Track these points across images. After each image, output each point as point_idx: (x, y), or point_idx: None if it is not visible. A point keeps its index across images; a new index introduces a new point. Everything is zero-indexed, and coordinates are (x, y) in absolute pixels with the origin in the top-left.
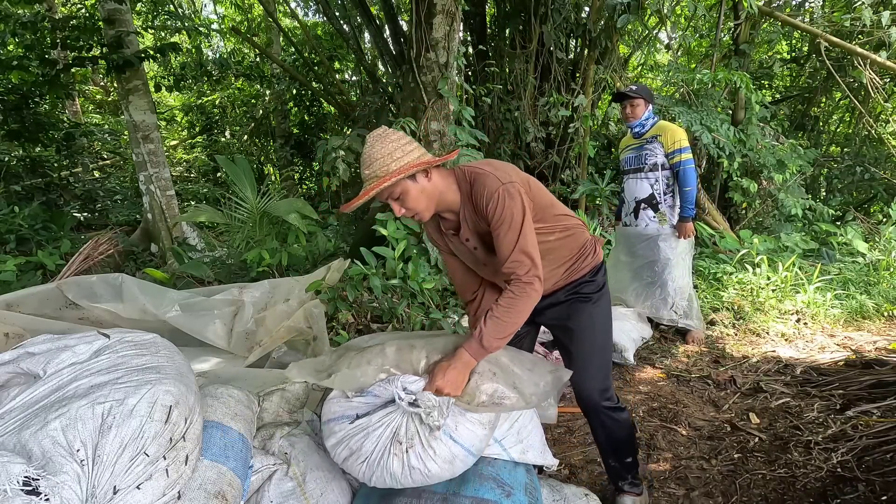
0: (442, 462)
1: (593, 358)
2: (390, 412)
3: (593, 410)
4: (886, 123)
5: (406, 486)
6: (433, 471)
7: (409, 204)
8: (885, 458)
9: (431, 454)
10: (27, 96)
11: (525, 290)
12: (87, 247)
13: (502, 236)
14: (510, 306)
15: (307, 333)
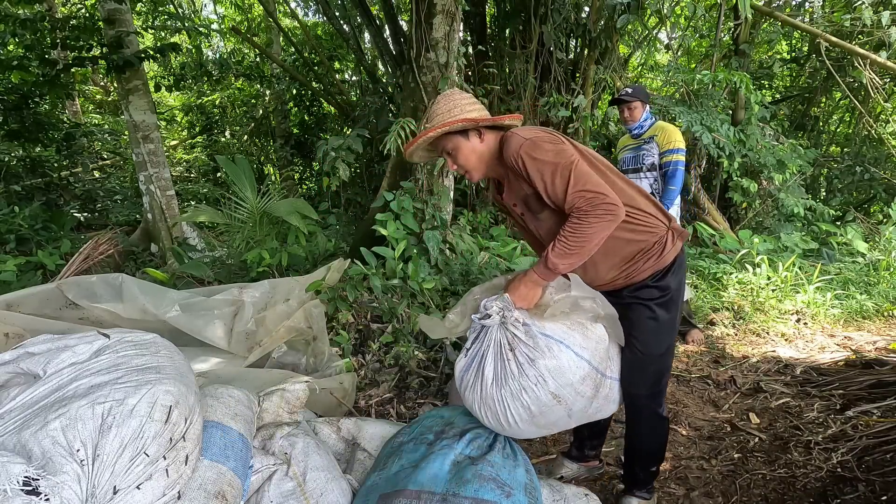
0: (549, 357)
1: (647, 366)
2: (489, 333)
3: (636, 413)
4: (886, 123)
5: (543, 403)
6: (548, 366)
7: (459, 160)
8: (885, 458)
9: (533, 347)
10: (27, 96)
11: (589, 213)
12: (87, 247)
13: (549, 185)
14: (574, 229)
15: (307, 333)
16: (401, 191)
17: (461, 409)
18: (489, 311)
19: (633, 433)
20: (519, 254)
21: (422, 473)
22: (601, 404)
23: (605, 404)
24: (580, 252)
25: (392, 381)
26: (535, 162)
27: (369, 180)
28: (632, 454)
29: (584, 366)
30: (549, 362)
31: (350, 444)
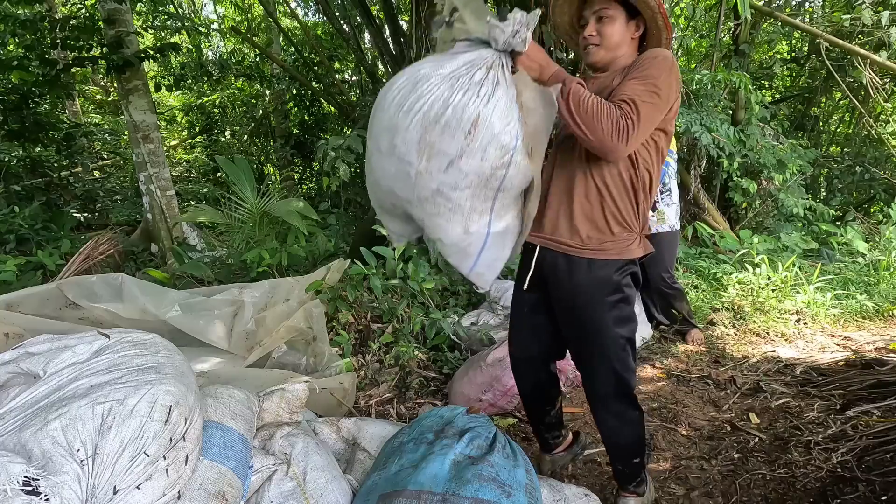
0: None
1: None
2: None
3: (600, 408)
4: (886, 123)
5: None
6: (498, 105)
7: (606, 31)
8: (885, 458)
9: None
10: (27, 96)
11: (615, 115)
12: (87, 247)
13: (630, 82)
14: (600, 106)
15: (307, 333)
16: None
17: (461, 409)
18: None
19: (602, 428)
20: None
21: (422, 473)
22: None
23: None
24: (578, 110)
25: (392, 381)
26: (653, 69)
27: None
28: (609, 450)
29: (514, 129)
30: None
31: (350, 444)
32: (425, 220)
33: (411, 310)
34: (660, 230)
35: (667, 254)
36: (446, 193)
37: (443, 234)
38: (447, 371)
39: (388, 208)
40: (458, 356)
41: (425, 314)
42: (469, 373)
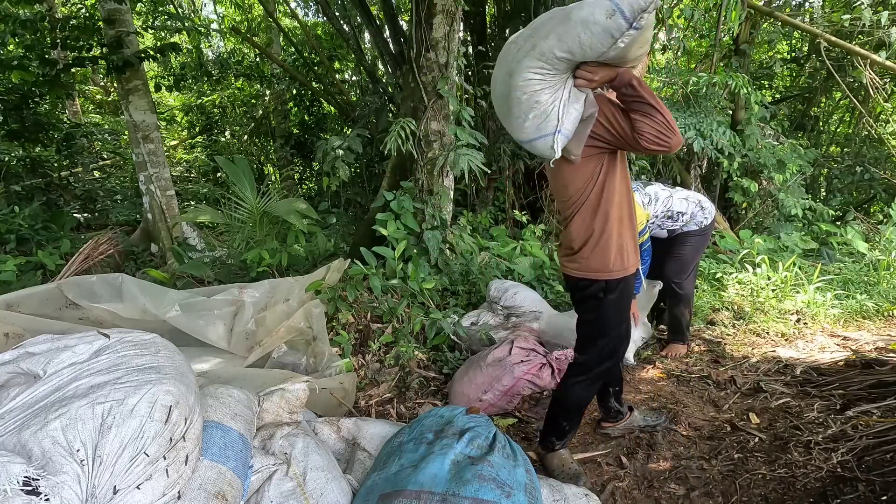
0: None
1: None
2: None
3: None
4: (886, 123)
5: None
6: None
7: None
8: (885, 458)
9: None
10: (27, 96)
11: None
12: (87, 247)
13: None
14: (658, 109)
15: (307, 333)
16: (401, 191)
17: (461, 409)
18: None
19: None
20: (519, 254)
21: (422, 473)
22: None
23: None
24: (650, 98)
25: (392, 381)
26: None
27: (369, 180)
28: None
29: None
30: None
31: (350, 444)
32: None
33: (411, 310)
34: (686, 228)
35: (691, 253)
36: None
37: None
38: (447, 371)
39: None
40: (458, 356)
41: (425, 314)
42: (469, 373)
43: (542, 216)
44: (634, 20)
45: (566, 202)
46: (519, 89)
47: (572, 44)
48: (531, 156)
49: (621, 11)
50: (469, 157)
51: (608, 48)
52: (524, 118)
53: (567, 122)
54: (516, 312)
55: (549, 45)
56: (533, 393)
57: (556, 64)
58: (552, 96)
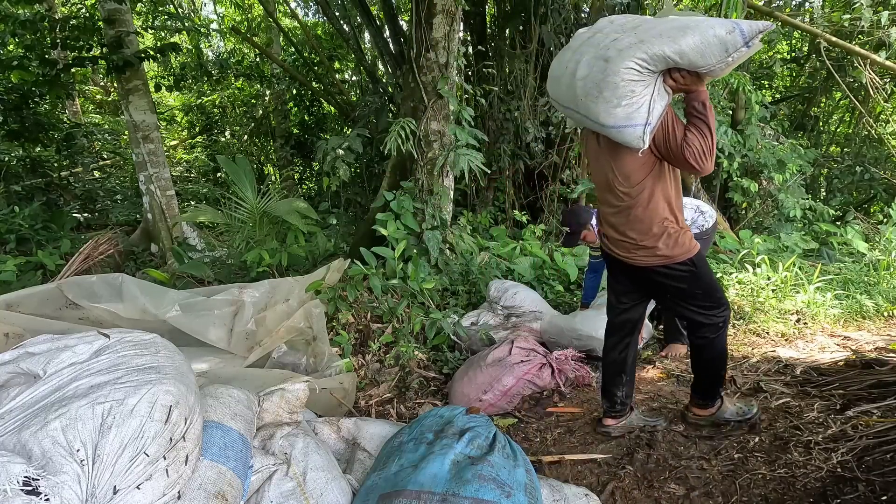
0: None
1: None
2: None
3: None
4: (886, 123)
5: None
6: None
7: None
8: (885, 458)
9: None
10: (27, 96)
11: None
12: (87, 247)
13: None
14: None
15: (307, 333)
16: (401, 191)
17: (461, 409)
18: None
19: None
20: (519, 254)
21: (422, 473)
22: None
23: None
24: (711, 120)
25: (392, 381)
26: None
27: (369, 180)
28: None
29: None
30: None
31: (350, 444)
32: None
33: (411, 310)
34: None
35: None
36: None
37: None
38: (447, 371)
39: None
40: (458, 356)
41: (425, 314)
42: (469, 373)
43: (542, 216)
44: (750, 40)
45: (626, 191)
46: (618, 75)
47: (686, 49)
48: (531, 156)
49: (741, 30)
50: (469, 157)
51: (717, 61)
52: (616, 103)
53: (654, 116)
54: (516, 312)
55: (660, 45)
56: (533, 393)
57: (658, 63)
58: (645, 89)
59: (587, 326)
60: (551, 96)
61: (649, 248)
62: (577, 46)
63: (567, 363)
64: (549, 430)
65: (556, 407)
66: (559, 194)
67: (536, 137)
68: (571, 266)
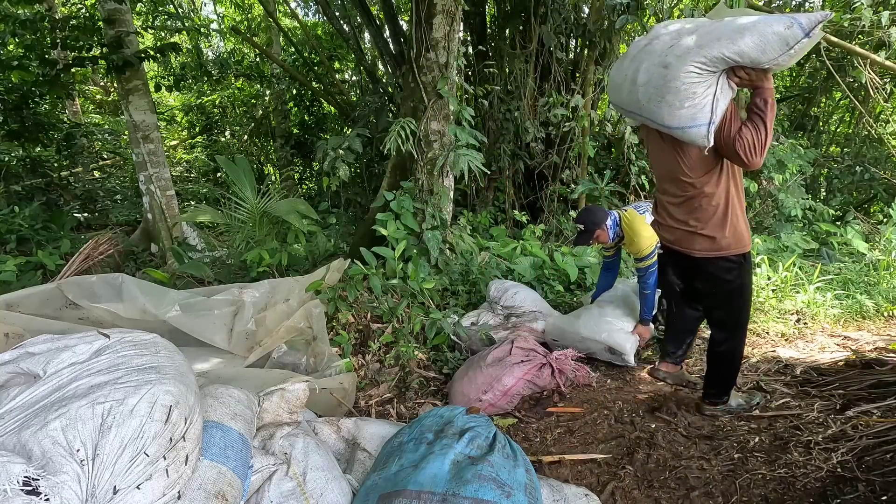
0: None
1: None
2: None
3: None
4: (886, 123)
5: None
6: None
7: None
8: (885, 458)
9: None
10: (27, 96)
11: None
12: (87, 247)
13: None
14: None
15: (307, 333)
16: (401, 191)
17: (461, 409)
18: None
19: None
20: (519, 254)
21: (422, 473)
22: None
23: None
24: (769, 118)
25: (392, 381)
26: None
27: (369, 180)
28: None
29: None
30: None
31: (350, 444)
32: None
33: (411, 310)
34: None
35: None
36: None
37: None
38: (447, 371)
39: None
40: (458, 356)
41: (425, 314)
42: (469, 373)
43: (542, 216)
44: (810, 31)
45: (691, 182)
46: (678, 79)
47: (746, 49)
48: (531, 156)
49: (799, 24)
50: (469, 157)
51: (779, 55)
52: (679, 105)
53: (717, 115)
54: (516, 312)
55: (719, 48)
56: (533, 393)
57: (718, 64)
58: (707, 90)
59: (589, 330)
60: (613, 103)
61: (709, 237)
62: (635, 54)
63: (567, 363)
64: (549, 430)
65: (556, 407)
66: (559, 194)
67: (536, 137)
68: (571, 266)
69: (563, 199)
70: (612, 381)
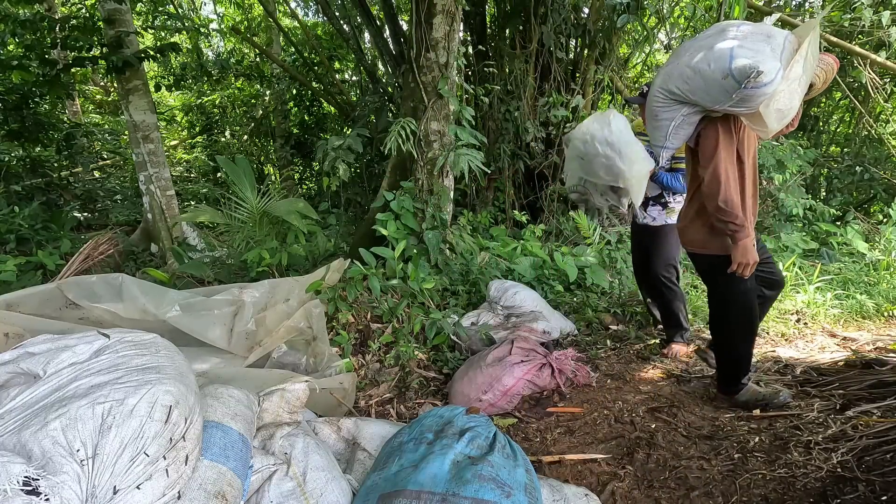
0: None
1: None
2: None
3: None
4: (886, 123)
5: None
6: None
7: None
8: (885, 458)
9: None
10: (27, 96)
11: None
12: (87, 247)
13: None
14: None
15: (307, 333)
16: (401, 191)
17: (461, 409)
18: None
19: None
20: (519, 254)
21: (422, 473)
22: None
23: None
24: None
25: (392, 381)
26: None
27: (369, 180)
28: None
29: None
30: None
31: (350, 444)
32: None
33: (411, 310)
34: (668, 222)
35: (674, 246)
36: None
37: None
38: (447, 371)
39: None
40: (458, 356)
41: (425, 314)
42: (469, 373)
43: (542, 216)
44: (743, 82)
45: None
46: (652, 99)
47: (697, 89)
48: (531, 156)
49: (732, 74)
50: (469, 157)
51: (727, 103)
52: (650, 120)
53: (672, 143)
54: (516, 312)
55: (675, 83)
56: (533, 393)
57: (674, 96)
58: (666, 117)
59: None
60: None
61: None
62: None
63: (567, 363)
64: (549, 430)
65: (556, 407)
66: (559, 194)
67: (536, 137)
68: (571, 266)
69: (564, 199)
70: (612, 381)
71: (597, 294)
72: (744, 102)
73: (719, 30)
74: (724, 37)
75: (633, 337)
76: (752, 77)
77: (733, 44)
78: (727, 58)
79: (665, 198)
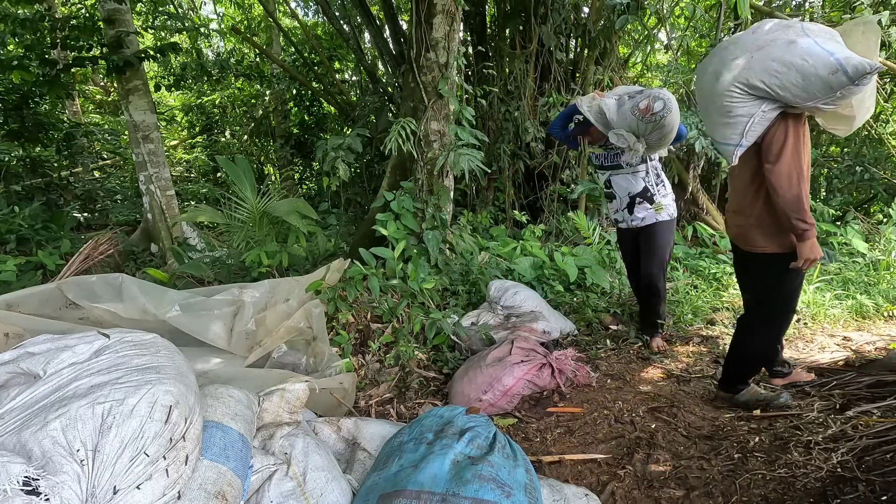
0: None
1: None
2: None
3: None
4: (886, 123)
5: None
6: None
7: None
8: (885, 458)
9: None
10: (27, 96)
11: None
12: (87, 247)
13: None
14: None
15: (307, 333)
16: (401, 191)
17: (461, 409)
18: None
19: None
20: (519, 254)
21: (422, 473)
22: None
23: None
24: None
25: (392, 381)
26: None
27: (369, 180)
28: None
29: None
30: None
31: (350, 444)
32: None
33: (411, 310)
34: (659, 219)
35: (667, 244)
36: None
37: None
38: (447, 371)
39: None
40: (458, 356)
41: (425, 314)
42: (469, 373)
43: (542, 216)
44: (857, 79)
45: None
46: (721, 94)
47: (789, 85)
48: (531, 156)
49: (845, 70)
50: (469, 157)
51: (824, 99)
52: (717, 119)
53: (748, 139)
54: (516, 312)
55: (762, 77)
56: (533, 393)
57: (756, 91)
58: (742, 112)
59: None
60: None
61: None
62: (715, 51)
63: (567, 363)
64: (549, 430)
65: (556, 407)
66: (559, 194)
67: (536, 137)
68: (571, 266)
69: (563, 199)
70: (612, 381)
71: (597, 294)
72: (841, 98)
73: (784, 25)
74: (804, 33)
75: (633, 337)
76: (868, 74)
77: (826, 40)
78: (828, 54)
79: (650, 192)
